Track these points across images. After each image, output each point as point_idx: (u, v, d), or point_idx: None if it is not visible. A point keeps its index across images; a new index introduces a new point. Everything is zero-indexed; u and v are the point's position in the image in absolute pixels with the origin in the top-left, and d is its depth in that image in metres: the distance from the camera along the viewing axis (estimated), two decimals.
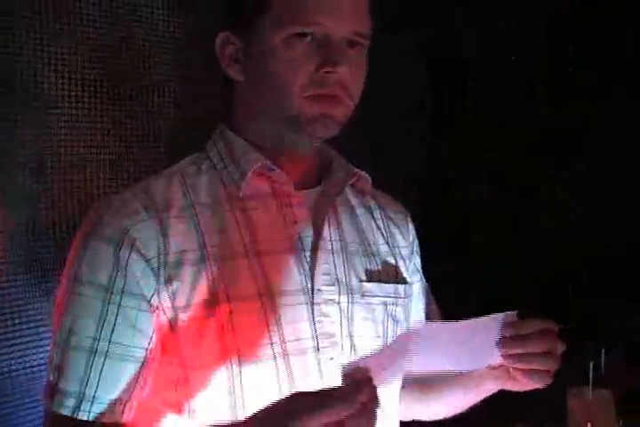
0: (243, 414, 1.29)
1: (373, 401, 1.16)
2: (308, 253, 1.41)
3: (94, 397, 1.30)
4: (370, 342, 1.43)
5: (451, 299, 1.68)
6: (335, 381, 1.24)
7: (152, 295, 1.32)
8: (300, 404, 1.14)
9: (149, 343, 1.33)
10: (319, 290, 1.40)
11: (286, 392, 1.25)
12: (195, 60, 1.96)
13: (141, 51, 1.89)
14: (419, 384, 1.58)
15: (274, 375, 1.33)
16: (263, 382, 1.33)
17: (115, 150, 1.85)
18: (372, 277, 1.49)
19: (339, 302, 1.41)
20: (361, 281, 1.46)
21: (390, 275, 1.53)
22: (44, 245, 1.72)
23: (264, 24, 1.36)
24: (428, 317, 1.62)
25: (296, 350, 1.35)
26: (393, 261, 1.55)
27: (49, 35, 1.72)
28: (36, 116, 1.72)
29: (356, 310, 1.43)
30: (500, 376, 1.44)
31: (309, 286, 1.39)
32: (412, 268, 1.61)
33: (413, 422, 1.73)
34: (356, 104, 1.41)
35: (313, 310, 1.38)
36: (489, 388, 1.51)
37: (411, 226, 1.64)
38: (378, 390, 1.17)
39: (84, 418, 1.30)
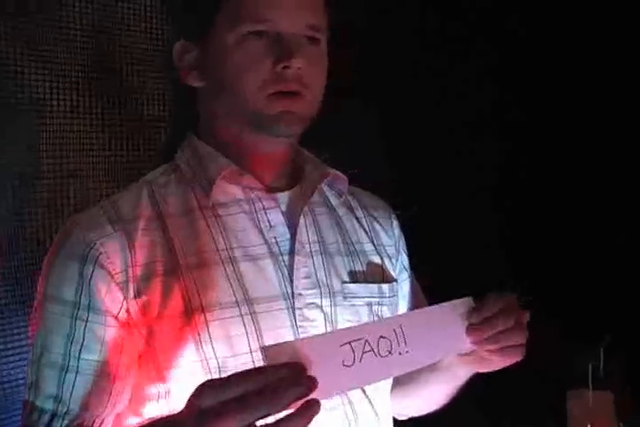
0: None
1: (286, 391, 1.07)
2: (285, 258, 1.40)
3: (66, 413, 1.30)
4: None
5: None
6: None
7: (120, 311, 1.32)
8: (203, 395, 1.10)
9: (120, 359, 1.32)
10: (300, 294, 1.38)
11: None
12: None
13: (136, 59, 1.89)
14: (396, 379, 1.56)
15: None
16: None
17: (109, 161, 1.84)
18: (354, 277, 1.47)
19: (321, 306, 1.40)
20: (343, 282, 1.45)
21: (375, 274, 1.51)
22: (34, 258, 1.72)
23: (216, 27, 1.36)
24: None
25: None
26: (378, 260, 1.53)
27: (42, 44, 1.72)
28: (29, 126, 1.72)
29: (339, 313, 1.42)
30: (471, 361, 1.43)
31: (289, 290, 1.38)
32: (398, 266, 1.60)
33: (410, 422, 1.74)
34: (319, 100, 1.41)
35: (295, 315, 1.37)
36: (462, 374, 1.51)
37: (395, 223, 1.63)
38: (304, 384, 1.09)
39: None
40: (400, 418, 1.70)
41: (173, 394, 1.32)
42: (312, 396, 1.08)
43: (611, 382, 1.81)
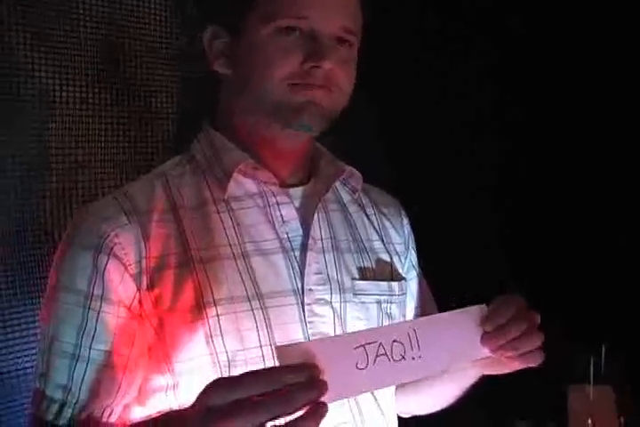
0: None
1: (304, 390, 1.07)
2: (297, 253, 1.40)
3: (76, 403, 1.30)
4: None
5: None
6: None
7: (132, 302, 1.31)
8: (212, 390, 1.09)
9: (131, 350, 1.32)
10: (310, 290, 1.38)
11: None
12: (196, 60, 1.96)
13: (143, 52, 1.89)
14: None
15: None
16: None
17: (117, 152, 1.84)
18: (365, 274, 1.47)
19: (331, 302, 1.40)
20: (353, 279, 1.45)
21: (384, 272, 1.52)
22: (42, 248, 1.72)
23: (252, 18, 1.36)
24: (425, 315, 1.59)
25: None
26: (387, 258, 1.53)
27: (52, 35, 1.72)
28: (37, 119, 1.71)
29: (349, 310, 1.42)
30: (485, 364, 1.43)
31: (300, 286, 1.38)
32: (407, 264, 1.60)
33: (413, 418, 1.74)
34: (346, 99, 1.40)
35: (304, 310, 1.37)
36: (473, 374, 1.51)
37: (405, 221, 1.63)
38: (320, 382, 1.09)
39: (64, 422, 1.30)
40: (403, 416, 1.69)
41: (181, 387, 1.32)
42: (324, 398, 1.08)
43: (611, 376, 1.81)
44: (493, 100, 2.80)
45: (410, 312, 1.60)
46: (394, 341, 1.21)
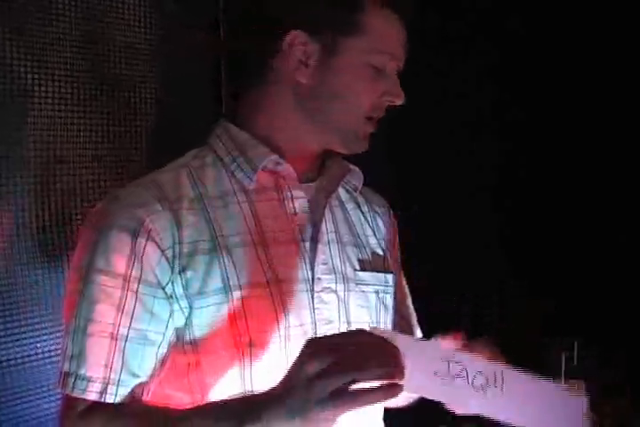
0: None
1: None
2: (307, 244, 1.48)
3: (119, 380, 1.35)
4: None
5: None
6: None
7: (167, 284, 1.38)
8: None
9: (166, 329, 1.38)
10: (319, 279, 1.47)
11: None
12: (174, 56, 2.00)
13: (122, 48, 1.91)
14: None
15: (280, 359, 1.39)
16: (271, 365, 1.39)
17: (96, 147, 1.86)
18: (364, 266, 1.57)
19: (336, 291, 1.49)
20: (355, 270, 1.54)
21: (379, 265, 1.61)
22: (19, 242, 1.73)
23: (353, 44, 1.44)
24: (402, 308, 1.70)
25: (298, 335, 1.41)
26: (381, 252, 1.63)
27: (29, 33, 1.73)
28: (16, 114, 1.73)
29: (351, 298, 1.51)
30: None
31: (310, 275, 1.47)
32: (392, 259, 1.67)
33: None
34: None
35: (313, 297, 1.46)
36: None
37: (393, 220, 1.72)
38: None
39: (111, 401, 1.34)
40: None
41: (203, 365, 1.39)
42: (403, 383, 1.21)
43: (584, 371, 1.81)
44: (493, 100, 2.81)
45: (397, 303, 1.66)
46: (479, 371, 1.27)
